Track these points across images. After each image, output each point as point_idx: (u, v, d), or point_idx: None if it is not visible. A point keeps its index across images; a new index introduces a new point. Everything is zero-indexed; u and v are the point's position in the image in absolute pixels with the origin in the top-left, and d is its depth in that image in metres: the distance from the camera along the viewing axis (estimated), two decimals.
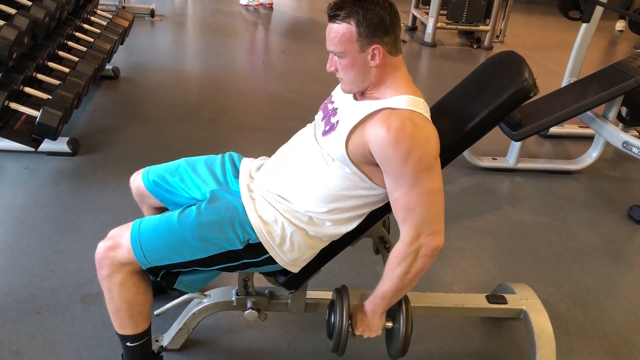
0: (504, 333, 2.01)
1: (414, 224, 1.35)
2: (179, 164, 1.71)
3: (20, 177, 2.69)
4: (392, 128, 1.29)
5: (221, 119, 3.56)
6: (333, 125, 1.44)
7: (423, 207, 1.34)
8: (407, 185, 1.32)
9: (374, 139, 1.32)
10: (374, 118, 1.34)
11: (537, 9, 7.73)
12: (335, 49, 1.36)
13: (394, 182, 1.34)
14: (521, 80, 1.46)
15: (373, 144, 1.32)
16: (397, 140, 1.29)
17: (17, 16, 2.70)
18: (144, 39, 5.10)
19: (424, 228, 1.35)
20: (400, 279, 1.41)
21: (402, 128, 1.29)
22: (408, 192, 1.33)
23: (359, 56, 1.35)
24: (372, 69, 1.37)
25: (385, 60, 1.36)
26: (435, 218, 1.36)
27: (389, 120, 1.31)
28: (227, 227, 1.45)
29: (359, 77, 1.38)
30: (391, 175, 1.34)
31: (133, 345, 1.56)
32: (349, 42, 1.33)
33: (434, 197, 1.35)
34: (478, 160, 3.18)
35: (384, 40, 1.34)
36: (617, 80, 2.91)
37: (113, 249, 1.45)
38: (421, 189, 1.32)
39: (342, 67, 1.38)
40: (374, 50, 1.34)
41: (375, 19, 1.31)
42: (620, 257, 2.56)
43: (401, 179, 1.32)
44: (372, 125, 1.33)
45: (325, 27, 1.38)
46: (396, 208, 1.37)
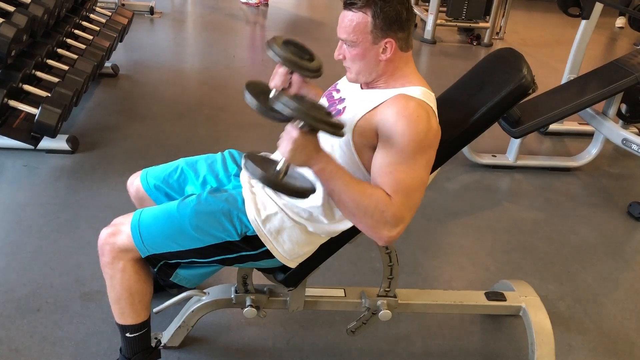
0: (503, 330, 2.01)
1: (405, 202, 1.29)
2: (179, 165, 1.70)
3: (20, 175, 2.69)
4: (409, 107, 1.30)
5: (220, 116, 3.55)
6: (340, 110, 1.44)
7: (415, 193, 1.32)
8: (409, 164, 1.30)
9: (387, 115, 1.31)
10: (388, 101, 1.34)
11: (537, 6, 7.72)
12: (347, 37, 1.34)
13: (393, 157, 1.30)
14: (520, 77, 1.45)
15: (384, 121, 1.31)
16: (412, 119, 1.29)
17: (15, 14, 2.69)
18: (143, 36, 5.09)
19: (408, 215, 1.31)
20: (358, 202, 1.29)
21: (418, 111, 1.30)
22: (407, 171, 1.30)
23: (370, 48, 1.34)
24: (381, 62, 1.37)
25: (395, 55, 1.36)
26: (414, 211, 1.34)
27: (406, 100, 1.32)
28: (225, 218, 1.46)
29: (367, 68, 1.38)
30: (392, 149, 1.30)
31: (132, 336, 1.57)
32: (363, 33, 1.32)
33: (422, 189, 1.34)
34: (478, 157, 3.18)
35: (398, 35, 1.34)
36: (616, 77, 2.91)
37: (114, 235, 1.46)
38: (418, 174, 1.32)
39: (351, 57, 1.37)
40: (387, 44, 1.34)
41: (393, 12, 1.31)
42: (620, 254, 2.56)
43: (404, 155, 1.29)
44: (386, 106, 1.33)
45: (323, 25, 1.38)
46: (386, 178, 1.30)
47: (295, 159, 1.23)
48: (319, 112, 1.21)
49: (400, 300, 1.77)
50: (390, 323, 1.79)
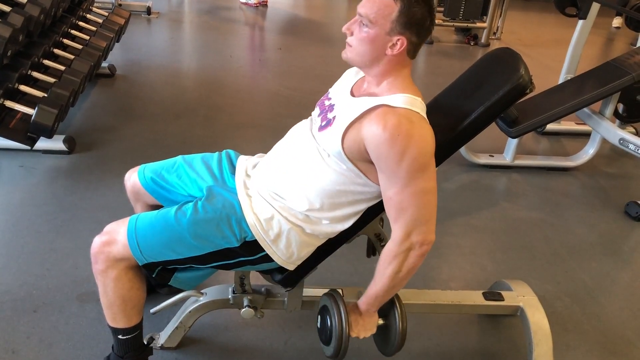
0: (501, 330, 2.02)
1: (406, 223, 1.34)
2: (176, 161, 1.70)
3: (16, 176, 2.68)
4: (389, 126, 1.28)
5: (217, 116, 3.55)
6: (330, 120, 1.43)
7: (415, 207, 1.33)
8: (401, 184, 1.32)
9: (370, 136, 1.31)
10: (370, 115, 1.33)
11: (534, 6, 7.73)
12: (367, 14, 1.32)
13: (388, 180, 1.34)
14: (517, 77, 1.45)
15: (369, 141, 1.31)
16: (392, 138, 1.28)
17: (11, 14, 2.68)
18: (140, 36, 5.09)
19: (415, 227, 1.35)
20: (391, 277, 1.41)
21: (398, 126, 1.28)
22: (401, 191, 1.32)
23: (383, 36, 1.33)
24: (385, 56, 1.36)
25: (400, 55, 1.36)
26: (428, 218, 1.36)
27: (386, 118, 1.30)
28: (224, 224, 1.45)
29: (369, 55, 1.36)
30: (385, 173, 1.33)
31: (124, 338, 1.57)
32: (385, 18, 1.31)
33: (427, 197, 1.34)
34: (475, 157, 3.18)
35: (412, 38, 1.34)
36: (613, 77, 2.91)
37: (109, 244, 1.45)
38: (414, 188, 1.32)
39: (361, 37, 1.35)
40: (398, 41, 1.33)
41: (420, 15, 1.31)
42: (617, 253, 2.56)
43: (395, 177, 1.32)
44: (369, 122, 1.32)
45: (321, 25, 1.38)
46: (389, 206, 1.36)
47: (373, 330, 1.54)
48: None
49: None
50: None
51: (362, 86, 1.46)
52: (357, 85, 1.49)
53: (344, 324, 1.45)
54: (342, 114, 1.40)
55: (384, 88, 1.39)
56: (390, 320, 1.53)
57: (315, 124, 1.49)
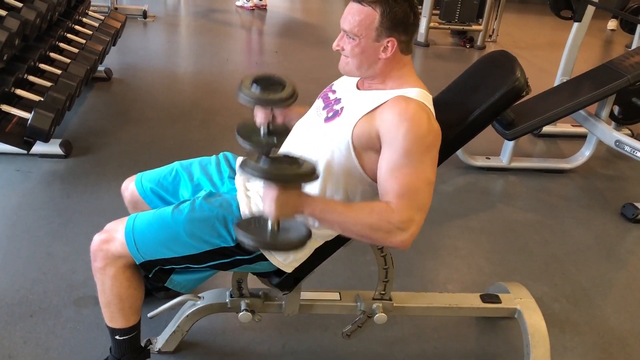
0: (498, 332, 2.02)
1: (411, 205, 1.29)
2: (173, 168, 1.70)
3: (13, 180, 2.67)
4: (410, 109, 1.30)
5: (214, 119, 3.55)
6: (337, 111, 1.43)
7: (423, 193, 1.31)
8: (413, 165, 1.29)
9: (387, 118, 1.31)
10: (387, 103, 1.34)
11: (529, 9, 7.76)
12: (350, 29, 1.34)
13: (397, 160, 1.29)
14: (513, 80, 1.46)
15: (385, 123, 1.31)
16: (413, 121, 1.29)
17: (7, 18, 2.68)
18: (136, 40, 5.08)
19: (417, 215, 1.30)
20: (361, 222, 1.29)
21: (418, 113, 1.30)
22: (412, 173, 1.29)
23: (371, 44, 1.34)
24: (379, 61, 1.37)
25: (395, 55, 1.37)
26: (425, 210, 1.33)
27: (406, 102, 1.32)
28: (219, 224, 1.45)
29: (365, 64, 1.38)
30: (395, 152, 1.29)
31: (122, 339, 1.57)
32: (368, 28, 1.32)
33: (430, 189, 1.33)
34: (471, 160, 3.19)
35: (401, 37, 1.35)
36: (609, 79, 2.92)
37: (107, 241, 1.46)
38: (424, 174, 1.31)
39: (351, 50, 1.36)
40: (388, 43, 1.34)
41: (401, 13, 1.31)
42: (614, 255, 2.57)
43: (408, 157, 1.29)
44: (385, 109, 1.33)
45: (318, 28, 1.38)
46: (392, 183, 1.29)
47: (282, 214, 1.25)
48: (289, 168, 1.22)
49: (395, 303, 1.77)
50: (385, 326, 1.79)
51: (366, 82, 1.47)
52: (362, 80, 1.49)
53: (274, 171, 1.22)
54: (352, 106, 1.41)
55: (393, 84, 1.40)
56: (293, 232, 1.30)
57: (319, 117, 1.48)
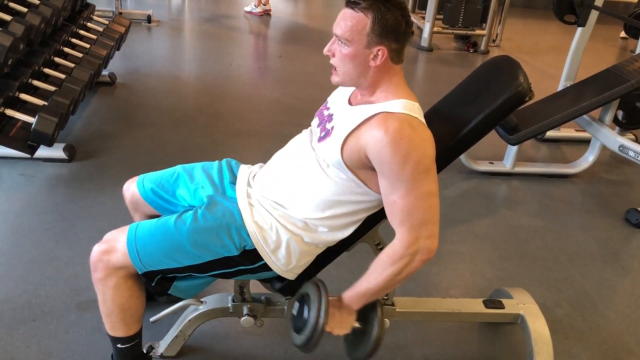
0: (501, 338, 2.01)
1: (413, 226, 1.33)
2: (175, 170, 1.70)
3: (16, 184, 2.68)
4: (390, 130, 1.29)
5: (218, 124, 3.55)
6: (328, 131, 1.43)
7: (422, 210, 1.33)
8: (405, 187, 1.31)
9: (371, 141, 1.31)
10: (370, 122, 1.33)
11: (533, 14, 7.76)
12: (342, 34, 1.33)
13: (391, 185, 1.33)
14: (516, 85, 1.46)
15: (370, 147, 1.31)
16: (395, 142, 1.28)
17: (12, 22, 2.69)
18: (140, 44, 5.10)
19: (422, 231, 1.34)
20: (389, 278, 1.38)
21: (400, 130, 1.29)
22: (406, 195, 1.31)
23: (362, 51, 1.34)
24: (370, 69, 1.36)
25: (385, 64, 1.36)
26: (433, 221, 1.35)
27: (387, 122, 1.30)
28: (223, 233, 1.45)
29: (354, 71, 1.37)
30: (388, 177, 1.33)
31: (124, 347, 1.57)
32: (359, 34, 1.32)
33: (432, 200, 1.34)
34: (475, 164, 3.18)
35: (392, 45, 1.34)
36: (613, 84, 2.92)
37: (108, 252, 1.45)
38: (419, 191, 1.31)
39: (342, 56, 1.36)
40: (379, 51, 1.33)
41: (393, 21, 1.31)
42: (618, 260, 2.56)
43: (399, 181, 1.31)
44: (369, 129, 1.32)
45: (321, 33, 1.39)
46: (393, 211, 1.35)
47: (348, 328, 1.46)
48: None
49: (398, 308, 1.76)
50: (388, 332, 1.77)
51: (358, 95, 1.47)
52: (355, 93, 1.49)
53: (322, 314, 1.38)
54: (341, 124, 1.41)
55: (380, 96, 1.40)
56: (367, 324, 1.47)
57: (315, 135, 1.49)
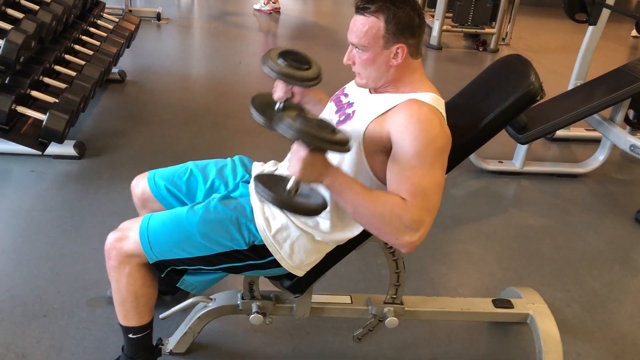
0: (510, 338, 2.00)
1: (423, 205, 1.28)
2: (188, 167, 1.70)
3: (27, 180, 2.70)
4: (423, 112, 1.30)
5: (227, 122, 3.56)
6: (349, 115, 1.44)
7: (434, 196, 1.31)
8: (425, 167, 1.29)
9: (399, 119, 1.31)
10: (399, 106, 1.34)
11: (543, 12, 7.71)
12: (358, 41, 1.34)
13: (409, 161, 1.28)
14: (527, 84, 1.45)
15: (397, 125, 1.31)
16: (426, 122, 1.29)
17: (24, 20, 2.71)
18: (150, 42, 5.12)
19: (427, 217, 1.29)
20: (372, 211, 1.28)
21: (430, 116, 1.31)
22: (424, 174, 1.28)
23: (381, 52, 1.34)
24: (391, 68, 1.37)
25: (406, 61, 1.36)
26: (435, 213, 1.32)
27: (418, 105, 1.32)
28: (233, 226, 1.45)
29: (377, 73, 1.38)
30: (407, 153, 1.29)
31: (135, 337, 1.58)
32: (375, 37, 1.32)
33: (440, 192, 1.32)
34: (484, 164, 3.17)
35: (409, 41, 1.35)
36: (624, 83, 2.90)
37: (121, 240, 1.47)
38: (435, 177, 1.30)
39: (362, 62, 1.37)
40: (398, 49, 1.34)
41: (405, 18, 1.31)
42: (628, 261, 2.54)
43: (420, 159, 1.28)
44: (398, 111, 1.33)
45: (332, 31, 1.39)
46: (404, 183, 1.29)
47: (305, 177, 1.24)
48: (323, 132, 1.20)
49: (407, 307, 1.76)
50: (396, 330, 1.78)
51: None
52: None
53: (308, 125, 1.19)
54: (364, 109, 1.41)
55: (405, 89, 1.40)
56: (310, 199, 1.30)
57: (332, 120, 1.48)
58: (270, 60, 1.48)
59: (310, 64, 1.53)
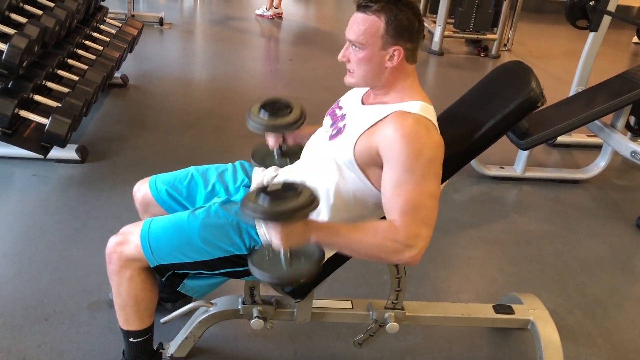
0: (511, 344, 2.00)
1: (416, 220, 1.29)
2: (189, 172, 1.71)
3: (29, 184, 2.71)
4: (406, 125, 1.30)
5: (229, 126, 3.57)
6: (340, 129, 1.44)
7: (426, 208, 1.31)
8: (415, 181, 1.29)
9: (386, 134, 1.31)
10: (385, 119, 1.34)
11: (544, 18, 7.72)
12: (356, 39, 1.34)
13: (399, 177, 1.29)
14: (529, 90, 1.46)
15: (384, 141, 1.31)
16: (410, 136, 1.29)
17: (28, 25, 2.72)
18: (152, 47, 5.13)
19: (423, 230, 1.30)
20: (367, 244, 1.30)
21: (415, 127, 1.30)
22: (414, 189, 1.29)
23: (377, 53, 1.34)
24: (386, 70, 1.37)
25: (401, 64, 1.37)
26: (432, 224, 1.32)
27: (403, 118, 1.32)
28: (234, 231, 1.46)
29: (370, 73, 1.38)
30: (396, 169, 1.30)
31: (136, 341, 1.58)
32: (373, 36, 1.33)
33: (434, 202, 1.32)
34: (485, 169, 3.18)
35: (407, 45, 1.35)
36: (625, 90, 2.91)
37: (122, 244, 1.47)
38: (427, 189, 1.30)
39: (357, 60, 1.37)
40: (394, 52, 1.34)
41: (406, 21, 1.32)
42: (629, 267, 2.54)
43: (409, 173, 1.29)
44: (384, 125, 1.33)
45: (332, 36, 1.39)
46: (396, 202, 1.30)
47: (291, 244, 1.27)
48: (286, 203, 1.19)
49: (407, 312, 1.76)
50: (397, 335, 1.78)
51: (371, 95, 1.47)
52: (368, 93, 1.50)
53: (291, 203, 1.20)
54: (354, 122, 1.41)
55: (395, 96, 1.40)
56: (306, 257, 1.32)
57: (326, 134, 1.50)
58: (252, 115, 1.55)
59: (292, 107, 1.57)
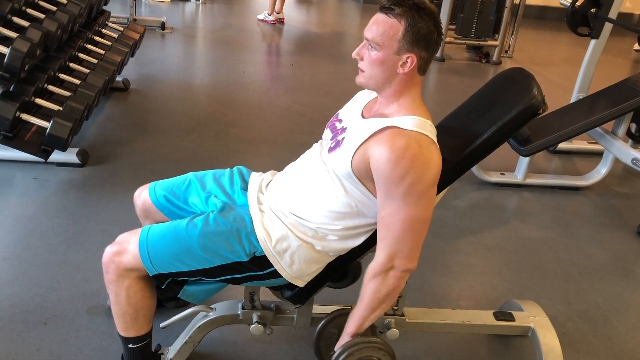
0: (511, 351, 1.99)
1: (391, 245, 1.37)
2: (187, 178, 1.71)
3: (30, 188, 2.71)
4: (395, 147, 1.30)
5: (229, 131, 3.57)
6: (339, 142, 1.45)
7: (403, 232, 1.35)
8: (395, 206, 1.33)
9: (375, 154, 1.32)
10: (379, 135, 1.34)
11: (546, 25, 7.74)
12: (373, 38, 1.35)
13: (383, 200, 1.35)
14: (530, 97, 1.46)
15: (373, 160, 1.33)
16: (396, 160, 1.29)
17: (30, 29, 2.73)
18: (154, 51, 5.15)
19: (400, 251, 1.37)
20: (371, 297, 1.43)
21: (405, 149, 1.29)
22: (393, 214, 1.33)
23: (392, 56, 1.35)
24: (396, 76, 1.37)
25: (411, 73, 1.37)
26: (413, 246, 1.38)
27: (394, 139, 1.31)
28: (234, 238, 1.46)
29: (381, 76, 1.38)
30: (382, 192, 1.35)
31: (135, 347, 1.58)
32: (390, 39, 1.33)
33: (417, 226, 1.35)
34: (486, 176, 3.18)
35: (422, 54, 1.35)
36: (626, 97, 2.91)
37: (119, 254, 1.47)
38: (407, 214, 1.33)
39: (371, 60, 1.37)
40: (408, 58, 1.35)
41: (425, 30, 1.33)
42: (630, 274, 2.53)
43: (390, 198, 1.33)
44: (376, 142, 1.33)
45: (333, 42, 1.40)
46: (379, 225, 1.38)
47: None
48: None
49: (408, 319, 1.76)
50: (397, 342, 1.77)
51: (373, 107, 1.48)
52: (369, 106, 1.50)
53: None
54: (352, 136, 1.42)
55: (394, 109, 1.40)
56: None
57: (325, 147, 1.50)
58: None
59: None
